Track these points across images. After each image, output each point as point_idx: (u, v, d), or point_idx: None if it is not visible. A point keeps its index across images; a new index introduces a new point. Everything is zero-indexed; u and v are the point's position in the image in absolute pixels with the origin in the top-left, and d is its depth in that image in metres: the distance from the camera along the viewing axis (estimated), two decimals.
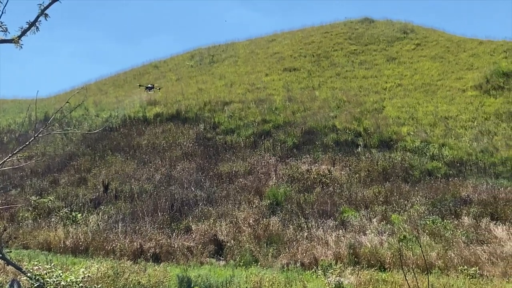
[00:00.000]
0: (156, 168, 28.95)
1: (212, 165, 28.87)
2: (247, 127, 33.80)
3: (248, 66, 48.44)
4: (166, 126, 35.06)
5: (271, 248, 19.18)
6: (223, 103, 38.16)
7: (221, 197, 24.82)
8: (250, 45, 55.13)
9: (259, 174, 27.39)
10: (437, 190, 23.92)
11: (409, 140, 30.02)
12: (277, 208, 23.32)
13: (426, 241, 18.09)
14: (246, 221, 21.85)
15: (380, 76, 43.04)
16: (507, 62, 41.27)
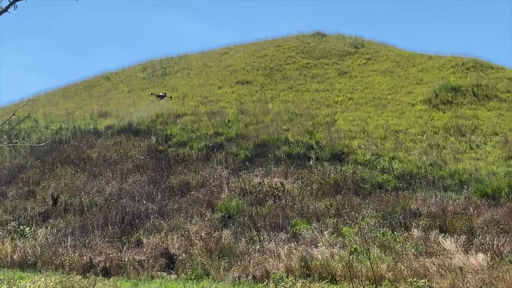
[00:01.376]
0: (107, 181, 28.60)
1: (164, 177, 28.67)
2: (199, 139, 33.71)
3: (201, 78, 48.36)
4: (117, 139, 34.70)
5: (223, 261, 19.10)
6: (175, 116, 37.99)
7: (173, 210, 24.65)
8: (203, 57, 55.06)
9: (212, 186, 27.30)
10: (387, 203, 24.21)
11: (360, 153, 30.34)
12: (229, 221, 23.27)
13: (377, 254, 18.25)
14: (198, 234, 21.74)
15: (332, 90, 43.45)
16: (455, 77, 42.14)
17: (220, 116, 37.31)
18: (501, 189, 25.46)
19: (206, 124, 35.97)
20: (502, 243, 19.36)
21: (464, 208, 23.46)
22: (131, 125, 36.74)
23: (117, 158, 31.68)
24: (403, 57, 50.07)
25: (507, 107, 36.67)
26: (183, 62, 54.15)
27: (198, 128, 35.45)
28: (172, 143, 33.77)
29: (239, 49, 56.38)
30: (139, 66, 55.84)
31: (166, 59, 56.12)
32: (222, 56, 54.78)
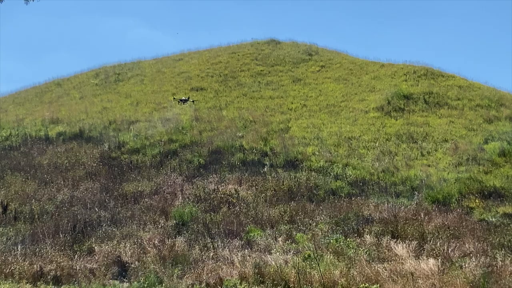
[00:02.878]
0: (58, 188, 28.13)
1: (117, 185, 28.34)
2: (153, 146, 33.48)
3: (154, 85, 48.06)
4: (69, 145, 34.22)
5: (176, 269, 18.92)
6: (128, 122, 37.67)
7: (126, 218, 24.35)
8: (156, 64, 54.74)
9: (165, 194, 27.09)
10: (340, 209, 24.36)
11: (314, 160, 30.52)
12: (183, 228, 23.10)
13: (330, 260, 18.32)
14: (151, 242, 21.50)
15: (286, 97, 43.67)
16: (407, 84, 42.82)
17: (174, 122, 37.12)
18: (452, 195, 25.92)
19: (160, 130, 35.75)
20: (452, 249, 19.66)
21: (416, 214, 23.77)
22: (83, 131, 36.28)
23: (68, 165, 31.21)
24: (356, 64, 50.65)
25: (457, 114, 37.39)
26: (137, 68, 53.76)
27: (152, 135, 35.21)
28: (125, 150, 33.44)
29: (193, 56, 56.25)
30: (91, 72, 55.19)
31: (119, 65, 55.62)
32: (176, 62, 54.56)
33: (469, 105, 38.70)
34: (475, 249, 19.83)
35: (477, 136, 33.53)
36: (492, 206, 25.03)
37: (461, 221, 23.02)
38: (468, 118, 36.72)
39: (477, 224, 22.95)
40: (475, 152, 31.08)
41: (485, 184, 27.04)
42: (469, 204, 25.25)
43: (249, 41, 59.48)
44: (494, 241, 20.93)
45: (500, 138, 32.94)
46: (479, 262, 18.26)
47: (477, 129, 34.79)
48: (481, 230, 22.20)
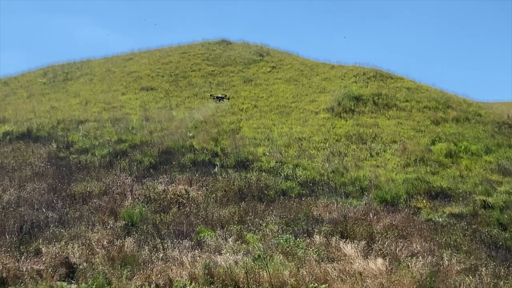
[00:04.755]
0: (4, 189, 27.50)
1: (65, 185, 27.87)
2: (102, 146, 33.05)
3: (104, 84, 47.49)
4: (16, 145, 33.50)
5: (126, 270, 18.73)
6: (77, 122, 37.12)
7: (74, 219, 23.97)
8: (106, 63, 54.09)
9: (115, 194, 26.77)
10: (290, 210, 24.47)
11: (264, 161, 30.57)
12: (133, 229, 22.86)
13: (280, 260, 18.39)
14: (100, 243, 21.23)
15: (237, 97, 43.67)
16: (357, 86, 43.28)
17: (124, 122, 36.74)
18: (400, 195, 26.28)
19: (110, 130, 35.33)
20: (400, 248, 19.97)
21: (365, 214, 24.04)
22: (30, 131, 35.60)
23: (15, 165, 30.57)
24: (307, 66, 50.99)
25: (405, 116, 37.96)
26: (86, 68, 53.04)
27: (101, 135, 34.76)
28: (74, 150, 32.92)
29: (143, 55, 55.82)
30: (39, 71, 54.23)
31: (68, 64, 54.79)
32: (126, 62, 54.03)
33: (417, 107, 39.33)
34: (422, 248, 20.18)
35: (425, 137, 34.10)
36: (439, 206, 25.49)
37: (408, 221, 23.37)
38: (416, 119, 37.32)
39: (424, 224, 23.35)
40: (422, 153, 31.60)
41: (432, 185, 27.52)
42: (417, 204, 25.65)
43: (200, 41, 59.35)
44: (440, 240, 21.34)
45: (447, 140, 33.58)
46: (426, 262, 18.60)
47: (424, 131, 35.38)
48: (428, 230, 22.59)
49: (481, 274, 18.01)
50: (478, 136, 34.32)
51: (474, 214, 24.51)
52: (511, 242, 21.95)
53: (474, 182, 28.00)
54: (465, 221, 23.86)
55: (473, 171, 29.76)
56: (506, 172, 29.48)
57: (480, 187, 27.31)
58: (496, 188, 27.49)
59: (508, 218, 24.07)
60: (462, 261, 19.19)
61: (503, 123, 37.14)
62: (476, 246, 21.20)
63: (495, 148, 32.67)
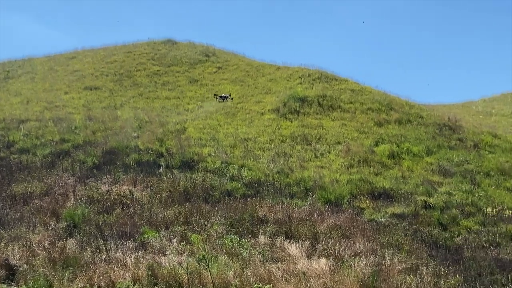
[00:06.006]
0: None
1: (5, 185, 27.23)
2: (44, 146, 32.41)
3: (46, 83, 46.64)
4: None
5: (67, 272, 18.41)
6: (18, 121, 36.32)
7: (15, 220, 23.44)
8: (49, 61, 53.14)
9: (56, 195, 26.28)
10: (236, 210, 24.44)
11: (210, 161, 30.48)
12: (75, 230, 22.50)
13: (224, 261, 18.36)
14: (41, 244, 20.82)
15: (182, 98, 43.49)
16: (302, 87, 43.59)
17: (66, 122, 36.13)
18: (343, 196, 26.57)
19: (52, 130, 34.69)
20: (344, 248, 20.17)
21: (309, 214, 24.19)
22: None
23: None
24: (253, 66, 51.13)
25: (349, 117, 38.41)
26: (28, 66, 52.00)
27: (43, 135, 34.10)
28: (15, 150, 32.19)
29: (87, 54, 55.05)
30: None
31: (9, 62, 53.63)
32: (69, 60, 53.21)
33: (361, 109, 39.83)
34: (365, 248, 20.44)
35: (368, 139, 34.56)
36: (382, 206, 25.87)
37: (352, 221, 23.63)
38: (360, 121, 37.79)
39: (367, 224, 23.66)
40: (366, 154, 32.00)
41: (375, 185, 27.91)
42: (360, 205, 25.98)
43: (145, 41, 58.90)
44: (383, 240, 21.67)
45: (390, 141, 34.11)
46: (369, 261, 18.84)
47: (368, 132, 35.85)
48: (371, 230, 22.91)
49: (422, 273, 18.36)
50: (420, 137, 34.96)
51: (416, 214, 24.96)
52: (451, 242, 22.45)
53: (415, 183, 28.52)
54: (407, 221, 24.29)
55: (415, 172, 30.30)
56: (446, 173, 30.11)
57: (421, 188, 27.83)
58: (436, 188, 28.07)
59: (448, 218, 24.61)
60: (403, 261, 19.51)
61: (444, 125, 37.93)
62: (417, 246, 21.60)
63: (436, 149, 33.33)
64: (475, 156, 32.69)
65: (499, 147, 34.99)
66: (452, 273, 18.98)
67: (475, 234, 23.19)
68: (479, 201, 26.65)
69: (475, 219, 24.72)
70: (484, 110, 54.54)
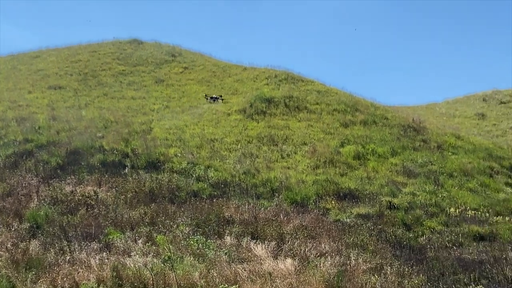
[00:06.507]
0: None
1: None
2: (7, 146, 31.95)
3: (9, 82, 45.98)
4: None
5: (30, 273, 18.17)
6: None
7: None
8: (12, 60, 52.42)
9: (19, 195, 25.92)
10: (202, 211, 24.37)
11: (176, 162, 30.34)
12: (38, 231, 22.21)
13: (190, 261, 18.30)
14: (3, 246, 20.52)
15: (148, 98, 43.24)
16: (268, 88, 43.67)
17: (30, 122, 35.65)
18: (309, 196, 26.68)
19: (15, 130, 34.21)
20: (309, 248, 20.26)
21: (275, 215, 24.24)
22: None
23: None
24: (219, 67, 51.09)
25: (316, 118, 38.56)
26: None
27: (6, 134, 33.63)
28: None
29: (51, 53, 54.42)
30: None
31: None
32: (33, 59, 52.53)
33: (327, 110, 40.01)
34: (331, 248, 20.54)
35: (334, 140, 34.73)
36: (347, 207, 26.03)
37: (318, 221, 23.74)
38: (326, 122, 37.97)
39: (333, 225, 23.79)
40: (332, 155, 32.16)
41: (341, 186, 28.07)
42: (326, 205, 26.10)
43: (111, 40, 58.48)
44: (348, 240, 21.80)
45: (355, 142, 34.33)
46: (334, 261, 18.95)
47: (334, 133, 36.03)
48: (337, 230, 23.03)
49: (386, 273, 18.52)
50: (385, 138, 35.25)
51: (380, 215, 25.18)
52: (415, 242, 22.69)
53: (380, 184, 28.76)
54: (372, 221, 24.48)
55: (380, 172, 30.55)
56: (410, 174, 30.42)
57: (386, 189, 28.08)
58: (401, 189, 28.35)
59: (412, 218, 24.87)
60: (368, 261, 19.66)
61: (408, 127, 38.31)
62: (381, 246, 21.78)
63: (400, 150, 33.64)
64: (438, 157, 33.09)
65: (462, 148, 35.48)
66: (415, 272, 19.17)
67: (438, 234, 23.47)
68: (443, 201, 27.00)
69: (438, 219, 25.03)
70: (447, 112, 55.27)
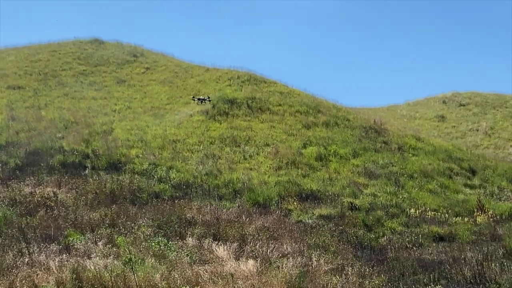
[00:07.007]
0: None
1: None
2: None
3: None
4: None
5: None
6: None
7: None
8: None
9: None
10: (163, 212, 24.21)
11: (137, 163, 30.13)
12: None
13: (151, 263, 18.15)
14: None
15: (109, 98, 42.85)
16: (231, 89, 43.67)
17: None
18: (271, 198, 26.73)
19: None
20: (271, 249, 20.27)
21: (237, 216, 24.21)
22: None
23: None
24: (182, 68, 50.89)
25: (278, 119, 38.68)
26: None
27: None
28: None
29: (10, 53, 53.58)
30: None
31: None
32: None
33: (289, 111, 40.17)
34: (293, 249, 20.57)
35: (296, 141, 34.88)
36: (309, 208, 26.15)
37: (280, 223, 23.77)
38: (288, 123, 38.11)
39: (295, 226, 23.85)
40: (294, 156, 32.29)
41: (303, 187, 28.20)
42: (288, 206, 26.18)
43: (71, 40, 57.78)
44: (310, 241, 21.86)
45: (317, 143, 34.53)
46: (296, 262, 18.96)
47: (296, 134, 36.19)
48: (299, 231, 23.09)
49: (348, 274, 18.60)
50: (347, 140, 35.53)
51: (342, 216, 25.35)
52: (375, 243, 22.86)
53: (342, 185, 28.97)
54: (333, 222, 24.62)
55: (342, 174, 30.77)
56: (371, 175, 30.71)
57: (348, 190, 28.29)
58: (362, 190, 28.60)
59: (373, 219, 25.09)
60: (329, 261, 19.73)
61: (370, 128, 38.69)
62: (343, 247, 21.89)
63: (362, 152, 33.95)
64: (399, 158, 33.47)
65: (422, 150, 35.95)
66: (376, 273, 19.30)
67: (398, 235, 23.69)
68: (403, 202, 27.31)
69: (399, 220, 25.30)
70: (408, 114, 55.95)
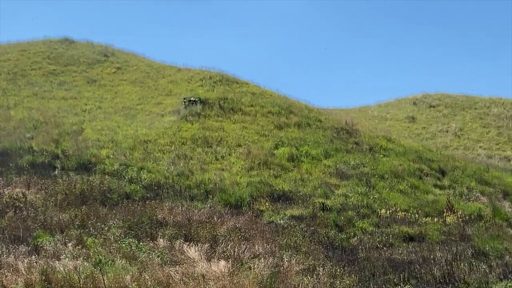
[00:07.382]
0: None
1: None
2: None
3: None
4: None
5: None
6: None
7: None
8: None
9: None
10: (134, 213, 24.04)
11: (108, 163, 29.89)
12: None
13: (122, 264, 18.00)
14: None
15: (80, 98, 42.44)
16: (203, 90, 43.54)
17: None
18: (243, 198, 26.71)
19: None
20: (243, 250, 20.25)
21: (209, 217, 24.15)
22: None
23: None
24: (153, 68, 50.61)
25: (250, 120, 38.67)
26: None
27: None
28: None
29: None
30: None
31: None
32: None
33: (261, 112, 40.18)
34: (264, 250, 20.58)
35: (269, 142, 34.89)
36: (281, 208, 26.18)
37: (252, 223, 23.77)
38: (261, 124, 38.11)
39: (267, 226, 23.87)
40: (266, 156, 32.30)
41: (275, 188, 28.23)
42: (260, 207, 26.18)
43: (41, 39, 57.06)
44: (281, 242, 21.89)
45: (289, 144, 34.58)
46: (268, 263, 18.98)
47: (268, 135, 36.20)
48: (270, 232, 23.11)
49: (319, 274, 18.67)
50: (318, 141, 35.63)
51: (313, 216, 25.41)
52: (347, 243, 22.97)
53: (314, 185, 29.05)
54: (305, 223, 24.68)
55: (313, 174, 30.85)
56: (343, 176, 30.83)
57: (319, 190, 28.38)
58: (334, 191, 28.71)
59: (344, 219, 25.19)
60: (301, 262, 19.77)
61: (341, 129, 38.86)
62: (314, 247, 21.95)
63: (333, 152, 34.06)
64: (370, 159, 33.66)
65: (393, 151, 36.21)
66: (347, 273, 19.39)
67: (369, 235, 23.83)
68: (374, 203, 27.47)
69: (370, 220, 25.45)
70: (379, 115, 56.31)
